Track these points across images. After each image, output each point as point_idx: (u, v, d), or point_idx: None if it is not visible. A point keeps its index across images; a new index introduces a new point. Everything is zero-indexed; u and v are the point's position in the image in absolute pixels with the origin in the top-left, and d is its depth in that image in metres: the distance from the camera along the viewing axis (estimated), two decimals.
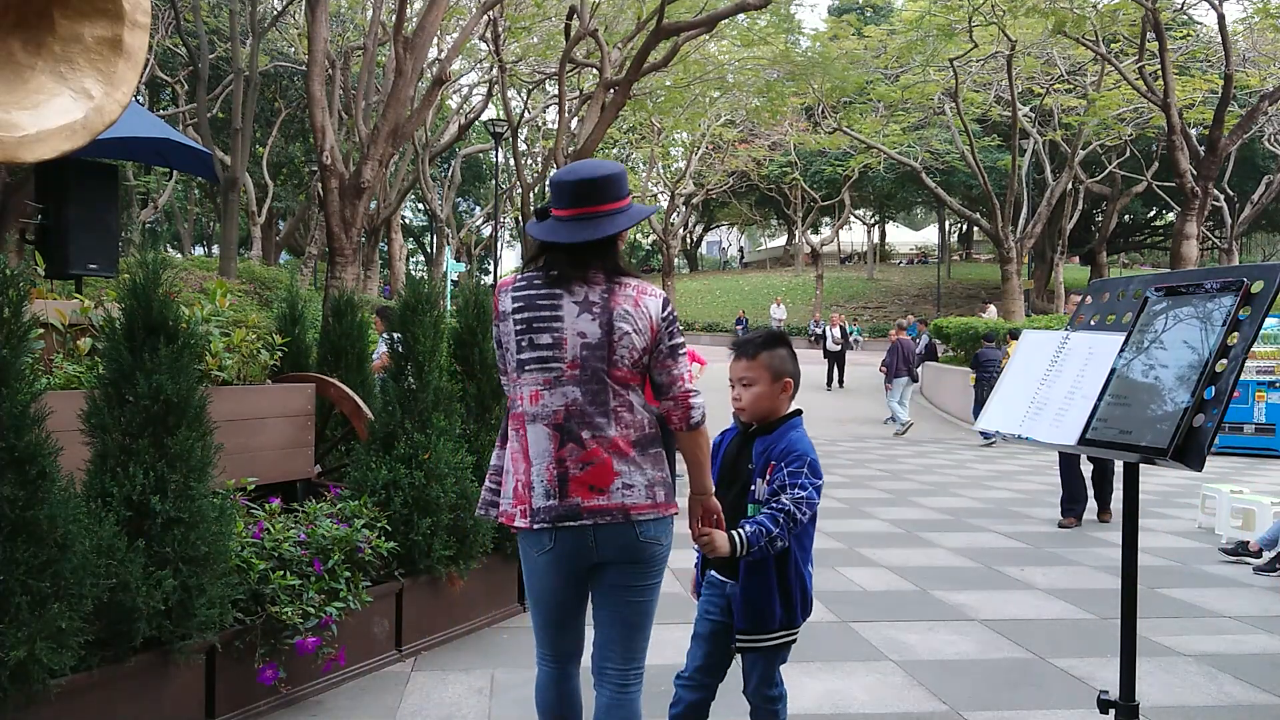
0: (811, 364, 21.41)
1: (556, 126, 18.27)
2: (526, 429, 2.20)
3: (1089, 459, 5.28)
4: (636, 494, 2.17)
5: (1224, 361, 2.06)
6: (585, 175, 2.23)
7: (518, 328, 2.20)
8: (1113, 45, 21.21)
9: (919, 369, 19.56)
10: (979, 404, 14.49)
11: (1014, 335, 13.58)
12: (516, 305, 2.21)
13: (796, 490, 2.34)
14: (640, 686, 2.34)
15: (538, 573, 2.27)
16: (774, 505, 2.34)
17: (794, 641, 2.50)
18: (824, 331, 21.97)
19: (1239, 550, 5.81)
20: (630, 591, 2.26)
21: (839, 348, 21.17)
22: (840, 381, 21.32)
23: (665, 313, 2.21)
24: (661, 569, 2.30)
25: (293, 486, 4.33)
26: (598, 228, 2.19)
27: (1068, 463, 7.07)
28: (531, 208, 21.61)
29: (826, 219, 46.29)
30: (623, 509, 2.16)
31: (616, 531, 2.18)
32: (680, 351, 2.24)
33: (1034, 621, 4.55)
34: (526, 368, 2.18)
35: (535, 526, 2.18)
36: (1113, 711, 2.34)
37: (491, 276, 37.52)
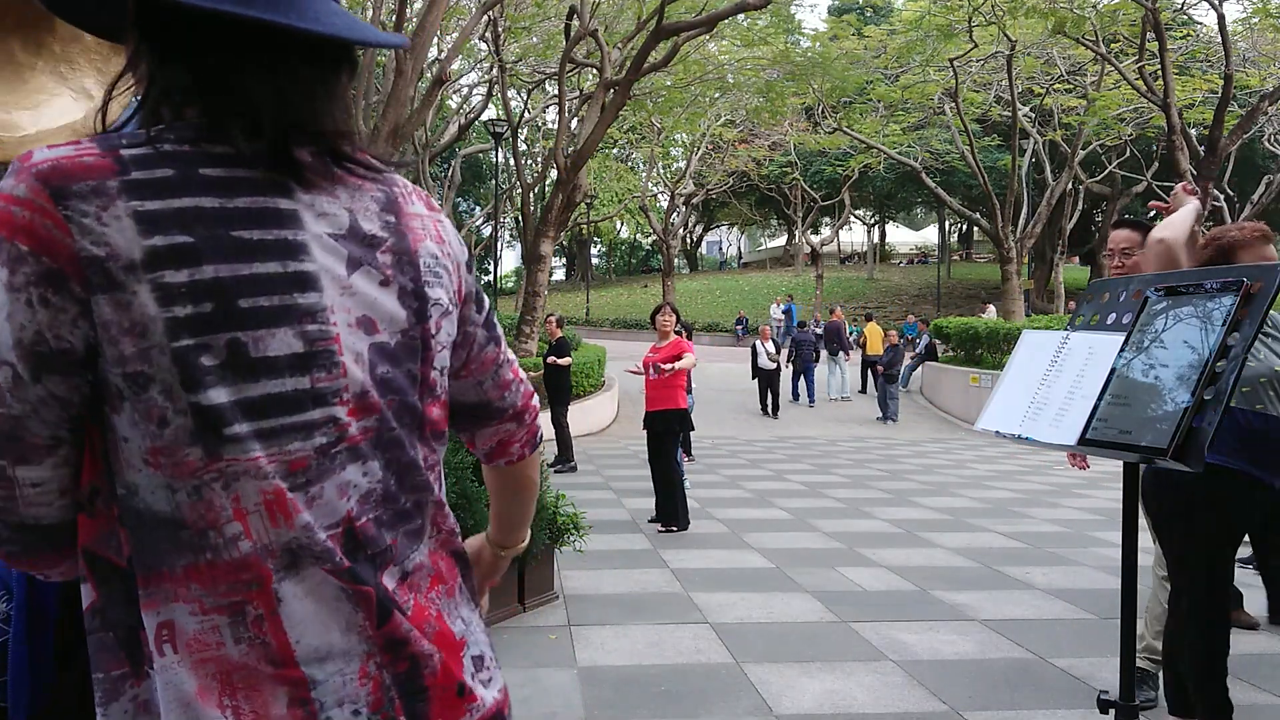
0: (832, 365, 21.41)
1: (556, 126, 18.27)
2: (257, 599, 0.84)
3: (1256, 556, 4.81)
4: (494, 676, 1.01)
5: (1224, 362, 2.06)
6: None
7: (177, 312, 0.80)
8: (1113, 45, 21.21)
9: (917, 367, 19.88)
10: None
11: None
12: (157, 241, 0.79)
13: None
14: None
15: None
16: None
17: None
18: (755, 346, 16.50)
19: (1249, 561, 5.69)
20: None
21: (774, 366, 16.56)
22: (774, 408, 16.97)
23: (465, 247, 1.06)
24: None
25: None
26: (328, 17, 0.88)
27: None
28: (532, 208, 21.62)
29: (826, 219, 46.29)
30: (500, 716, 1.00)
31: None
32: (498, 329, 1.11)
33: (1034, 621, 4.55)
34: (230, 430, 0.82)
35: None
36: (1113, 711, 2.34)
37: (492, 276, 37.53)
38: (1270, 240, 2.84)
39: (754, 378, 16.91)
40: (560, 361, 10.54)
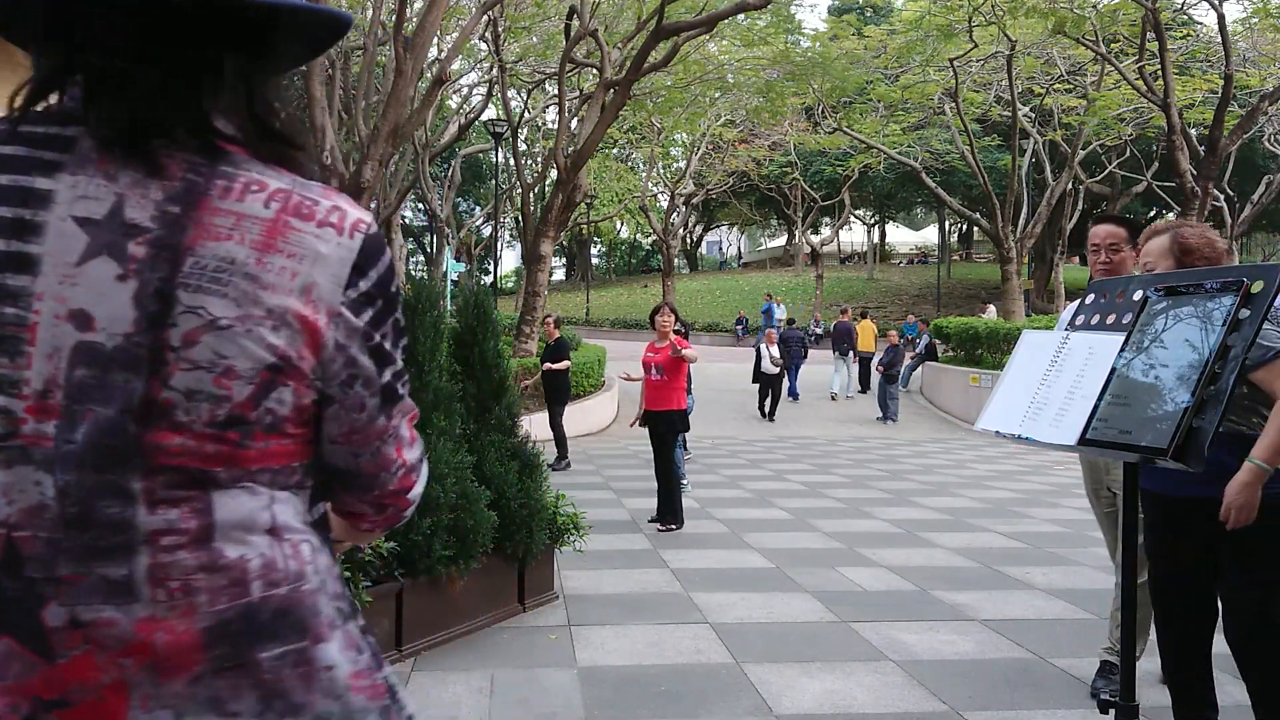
0: (811, 365, 21.44)
1: (556, 126, 18.27)
2: None
3: None
4: None
5: (1224, 362, 2.06)
6: None
7: None
8: (1113, 45, 21.21)
9: (917, 367, 19.96)
10: None
11: None
12: None
13: None
14: None
15: None
16: None
17: None
18: (759, 349, 16.11)
19: None
20: None
21: (777, 370, 16.29)
22: (772, 411, 16.75)
23: (369, 278, 0.89)
24: None
25: None
26: None
27: None
28: (532, 208, 21.62)
29: (826, 219, 46.31)
30: None
31: None
32: (402, 391, 0.96)
33: (1034, 621, 4.55)
34: None
35: None
36: (1113, 711, 2.34)
37: (492, 276, 37.52)
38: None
39: (755, 380, 16.69)
40: (556, 367, 10.46)
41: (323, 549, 0.91)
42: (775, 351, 15.94)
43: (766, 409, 16.77)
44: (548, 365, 10.44)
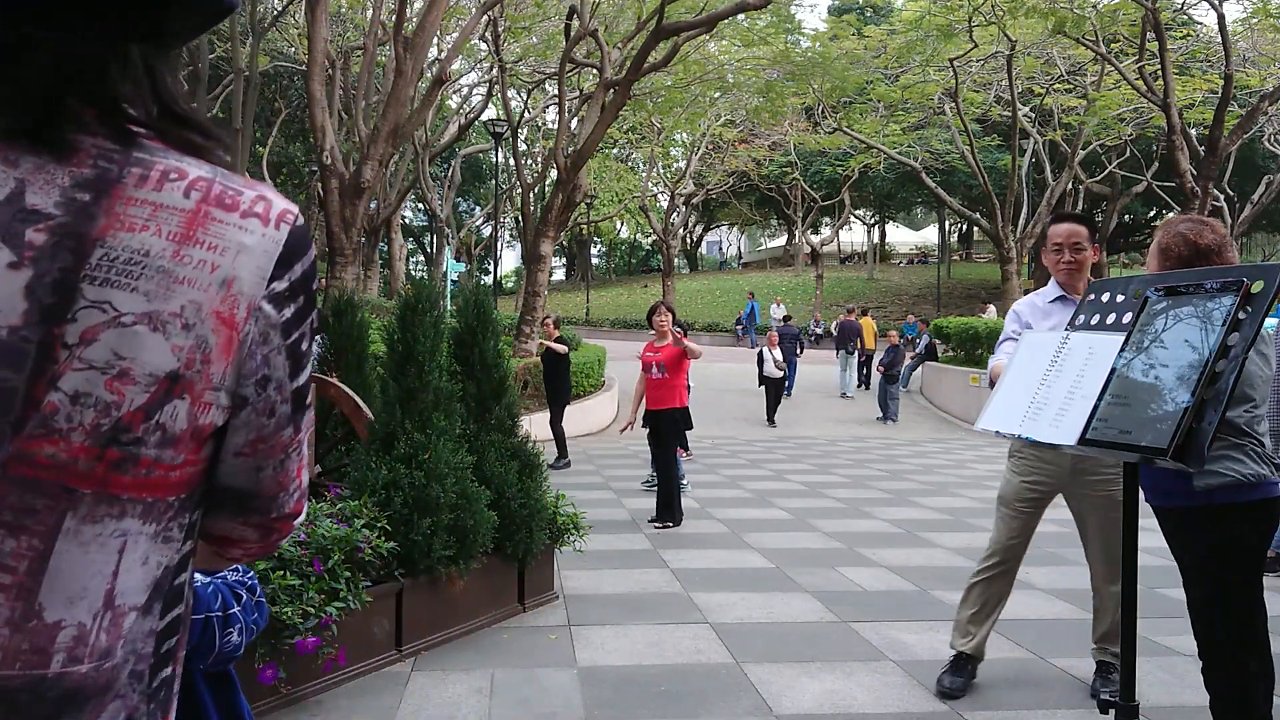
0: (811, 364, 21.43)
1: (556, 126, 18.27)
2: None
3: None
4: None
5: (1224, 361, 2.06)
6: None
7: None
8: (1113, 45, 21.21)
9: (917, 367, 20.00)
10: None
11: None
12: None
13: None
14: None
15: None
16: None
17: None
18: (762, 353, 15.78)
19: None
20: None
21: (780, 374, 16.06)
22: (770, 415, 16.40)
23: (294, 272, 0.84)
24: None
25: None
26: None
27: None
28: (532, 208, 21.62)
29: (826, 219, 46.31)
30: None
31: None
32: (309, 401, 0.90)
33: (1034, 621, 4.55)
34: None
35: None
36: (1113, 711, 2.34)
37: (492, 276, 37.49)
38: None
39: (760, 384, 16.26)
40: (557, 347, 10.37)
41: (150, 613, 0.79)
42: (779, 355, 15.59)
43: (773, 414, 16.32)
44: (548, 345, 10.36)
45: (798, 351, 18.97)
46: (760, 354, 15.84)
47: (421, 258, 50.94)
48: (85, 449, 0.73)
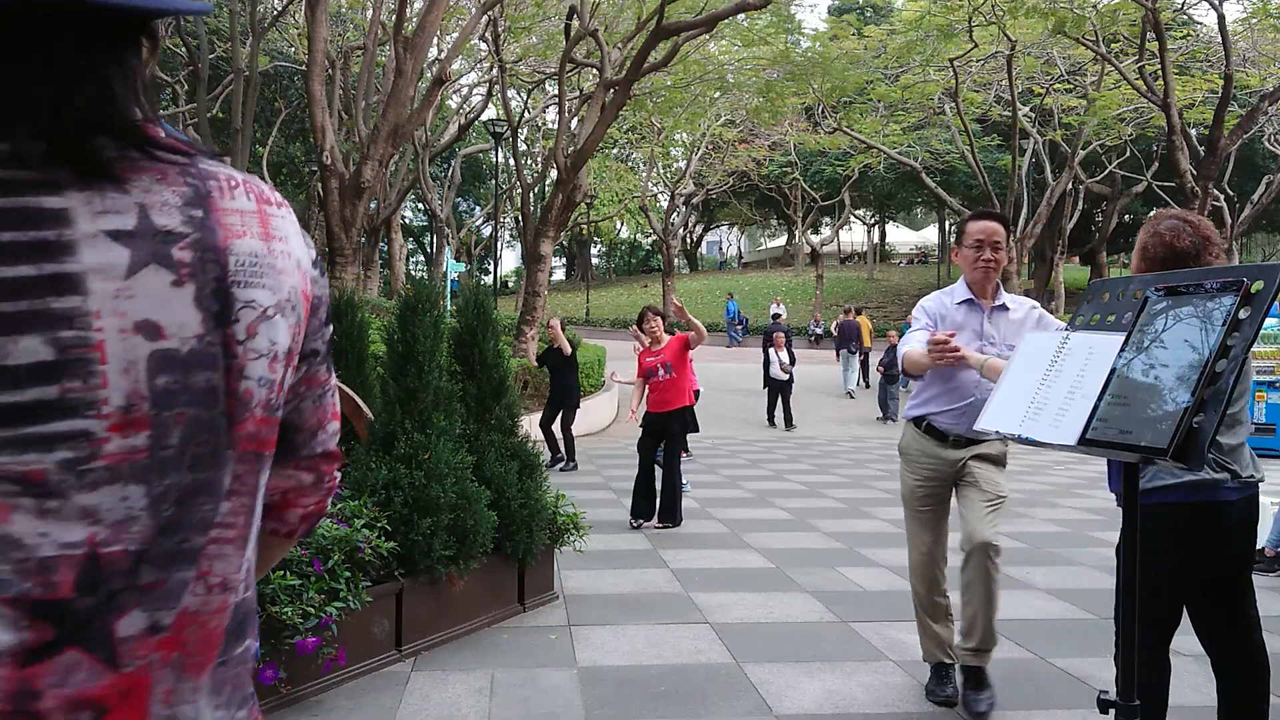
0: (811, 364, 21.40)
1: (556, 126, 18.27)
2: None
3: None
4: None
5: (1224, 362, 2.06)
6: None
7: None
8: (1113, 45, 21.21)
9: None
10: None
11: None
12: None
13: None
14: None
15: None
16: None
17: None
18: (768, 354, 15.34)
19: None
20: None
21: (786, 376, 15.39)
22: (786, 419, 15.81)
23: (311, 246, 1.00)
24: None
25: None
26: None
27: None
28: (532, 208, 21.62)
29: (826, 219, 46.32)
30: None
31: None
32: (329, 354, 1.05)
33: (1034, 621, 4.55)
34: None
35: None
36: (1113, 711, 2.34)
37: (492, 276, 37.49)
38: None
39: (765, 387, 15.94)
40: (565, 346, 10.34)
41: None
42: (785, 357, 15.16)
43: (777, 416, 15.97)
44: (558, 344, 10.37)
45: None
46: (766, 354, 15.57)
47: (421, 258, 50.94)
48: (266, 420, 0.90)
